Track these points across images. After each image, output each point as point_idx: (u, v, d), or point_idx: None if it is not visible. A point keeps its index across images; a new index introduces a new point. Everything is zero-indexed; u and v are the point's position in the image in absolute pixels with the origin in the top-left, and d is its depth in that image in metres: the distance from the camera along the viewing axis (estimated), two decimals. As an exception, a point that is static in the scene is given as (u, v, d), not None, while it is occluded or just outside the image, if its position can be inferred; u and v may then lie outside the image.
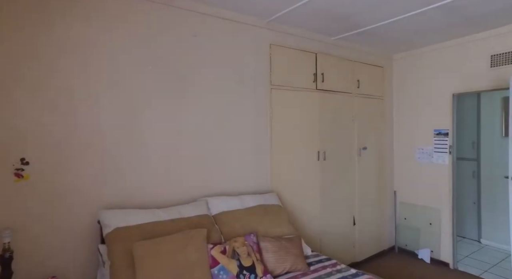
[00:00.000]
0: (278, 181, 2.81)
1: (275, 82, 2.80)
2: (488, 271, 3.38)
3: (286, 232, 2.28)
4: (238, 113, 2.60)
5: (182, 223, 1.96)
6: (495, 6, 2.45)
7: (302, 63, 2.98)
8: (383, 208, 3.81)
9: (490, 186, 4.09)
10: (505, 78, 2.96)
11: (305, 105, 3.00)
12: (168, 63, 2.23)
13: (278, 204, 2.57)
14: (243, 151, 2.63)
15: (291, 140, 2.90)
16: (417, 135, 3.69)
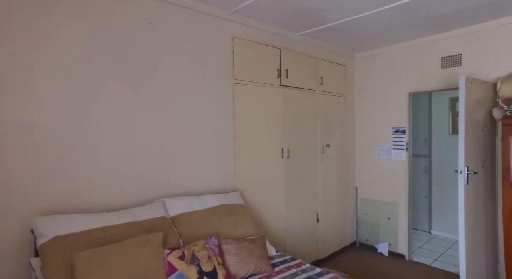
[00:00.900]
0: (241, 179, 2.71)
1: (238, 77, 2.68)
2: (438, 260, 3.59)
3: (249, 232, 2.18)
4: (200, 108, 2.45)
5: (136, 227, 1.78)
6: (450, 9, 2.55)
7: (266, 58, 2.90)
8: (345, 204, 3.88)
9: (440, 181, 4.35)
10: (454, 79, 3.12)
11: (269, 101, 2.93)
12: (121, 52, 2.02)
13: (241, 203, 2.46)
14: (205, 148, 2.49)
15: (255, 137, 2.81)
16: (377, 133, 3.80)
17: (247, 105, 2.75)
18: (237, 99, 2.67)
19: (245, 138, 2.74)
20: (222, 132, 2.59)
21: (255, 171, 2.82)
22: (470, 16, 2.74)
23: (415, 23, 2.90)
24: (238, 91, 2.68)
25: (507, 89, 2.65)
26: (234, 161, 2.66)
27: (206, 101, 2.49)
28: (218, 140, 2.57)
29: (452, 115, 4.22)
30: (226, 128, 2.62)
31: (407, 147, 3.54)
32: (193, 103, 2.41)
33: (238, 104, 2.68)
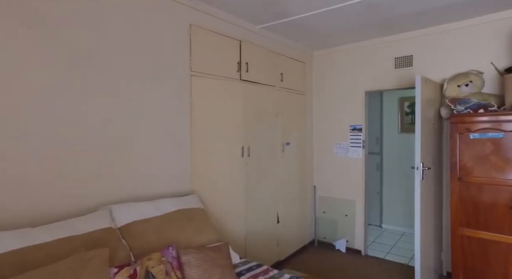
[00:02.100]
0: (199, 180, 2.48)
1: (196, 69, 2.44)
2: (390, 253, 3.73)
3: (212, 239, 1.97)
4: (153, 101, 2.16)
5: (74, 243, 1.46)
6: (406, 10, 2.62)
7: (226, 50, 2.70)
8: (304, 203, 3.85)
9: (390, 177, 4.57)
10: (406, 79, 3.27)
11: (228, 96, 2.73)
12: (57, 33, 1.66)
13: (200, 207, 2.24)
14: (159, 146, 2.21)
15: (214, 134, 2.60)
16: (335, 131, 3.83)
17: (205, 100, 2.53)
18: (194, 93, 2.44)
19: (203, 136, 2.51)
20: (178, 128, 2.34)
21: (214, 170, 2.61)
22: (421, 20, 2.86)
23: (373, 23, 2.95)
24: (196, 84, 2.45)
25: (452, 89, 2.81)
26: (192, 160, 2.43)
27: (160, 94, 2.21)
28: (173, 137, 2.31)
29: (401, 114, 4.46)
30: (183, 125, 2.37)
31: (364, 144, 3.62)
32: (145, 96, 2.12)
33: (195, 99, 2.44)
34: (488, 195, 2.43)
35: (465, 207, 2.53)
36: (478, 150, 2.46)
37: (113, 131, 1.94)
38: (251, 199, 2.97)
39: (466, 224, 2.53)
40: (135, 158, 2.06)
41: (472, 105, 2.54)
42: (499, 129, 2.37)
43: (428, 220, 2.76)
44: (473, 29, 2.87)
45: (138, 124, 2.07)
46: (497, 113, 2.39)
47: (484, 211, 2.45)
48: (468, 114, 2.50)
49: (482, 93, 2.68)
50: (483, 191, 2.45)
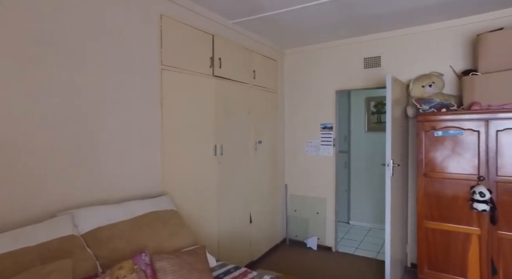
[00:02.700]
0: (170, 180, 2.34)
1: (167, 62, 2.30)
2: (359, 248, 3.85)
3: (187, 242, 1.86)
4: (119, 96, 1.99)
5: (30, 255, 1.28)
6: (375, 12, 2.70)
7: (198, 44, 2.59)
8: (276, 202, 3.83)
9: (357, 175, 4.71)
10: (374, 79, 3.38)
11: (201, 92, 2.62)
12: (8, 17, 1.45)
13: (173, 208, 2.11)
14: (127, 143, 2.04)
15: (186, 132, 2.47)
16: (306, 129, 3.85)
17: (177, 96, 2.40)
18: (166, 88, 2.29)
19: (175, 133, 2.38)
20: (147, 125, 2.18)
21: (186, 170, 2.48)
22: (389, 22, 2.97)
23: (344, 23, 3.00)
24: (167, 78, 2.31)
25: (417, 90, 2.95)
26: (163, 159, 2.28)
27: (128, 88, 2.05)
28: (142, 135, 2.15)
29: (367, 114, 4.62)
30: (153, 121, 2.22)
31: (334, 142, 3.68)
32: (110, 90, 1.94)
33: (167, 94, 2.30)
34: (449, 189, 2.57)
35: (429, 201, 2.66)
36: (441, 147, 2.60)
37: (73, 128, 1.75)
38: (224, 199, 2.88)
39: (431, 217, 2.66)
40: (100, 157, 1.88)
41: (435, 105, 2.68)
42: (459, 128, 2.52)
43: (396, 214, 2.87)
44: (435, 34, 3.04)
45: (102, 120, 1.89)
46: (457, 113, 2.54)
47: (446, 204, 2.59)
48: (433, 113, 2.63)
49: (443, 94, 2.83)
50: (445, 185, 2.59)
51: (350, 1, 2.50)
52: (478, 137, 2.45)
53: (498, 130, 2.39)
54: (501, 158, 2.39)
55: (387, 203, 2.62)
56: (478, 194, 2.39)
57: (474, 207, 2.42)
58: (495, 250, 2.43)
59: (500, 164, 2.39)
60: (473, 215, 2.48)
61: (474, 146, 2.47)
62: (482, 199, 2.38)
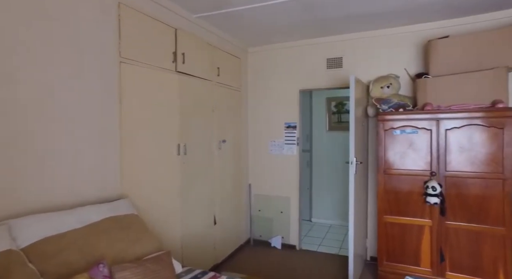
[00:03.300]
0: (131, 182, 2.17)
1: (126, 55, 2.13)
2: (321, 245, 3.94)
3: (150, 248, 1.72)
4: (70, 89, 1.79)
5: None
6: (339, 13, 2.77)
7: (160, 37, 2.44)
8: (240, 202, 3.77)
9: (319, 173, 4.84)
10: (336, 79, 3.48)
11: (164, 88, 2.47)
12: None
13: (133, 212, 1.95)
14: (79, 143, 1.84)
15: (147, 130, 2.31)
16: (270, 128, 3.85)
17: (138, 91, 2.23)
18: (125, 83, 2.12)
19: (135, 131, 2.21)
20: (104, 122, 1.99)
21: (148, 170, 2.32)
22: (350, 24, 3.07)
23: (308, 23, 3.04)
24: (126, 72, 2.13)
25: (376, 90, 3.09)
26: (122, 159, 2.10)
27: (81, 81, 1.85)
28: (98, 133, 1.96)
29: (328, 113, 4.76)
30: (110, 118, 2.03)
31: (298, 141, 3.72)
32: (59, 82, 1.74)
33: (126, 89, 2.13)
34: (406, 185, 2.73)
35: (388, 197, 2.79)
36: (399, 145, 2.74)
37: (16, 126, 1.52)
38: (188, 200, 2.75)
39: (390, 212, 2.79)
40: (45, 159, 1.67)
41: (393, 105, 2.83)
42: (414, 127, 2.69)
43: (358, 210, 2.97)
44: (392, 38, 3.21)
45: (46, 117, 1.68)
46: (413, 112, 2.70)
47: (403, 199, 2.74)
48: (392, 113, 2.77)
49: (399, 95, 3.00)
50: (402, 181, 2.74)
51: (312, 2, 2.53)
52: (431, 135, 2.63)
53: (447, 129, 2.59)
54: (449, 154, 2.59)
55: (351, 200, 2.70)
56: (430, 188, 2.57)
57: (427, 201, 2.59)
58: (443, 239, 2.63)
59: (448, 160, 2.59)
60: (426, 208, 2.65)
61: (427, 143, 2.64)
62: (434, 192, 2.55)
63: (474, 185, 2.53)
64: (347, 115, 4.58)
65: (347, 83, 3.39)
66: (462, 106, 2.57)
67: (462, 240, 2.58)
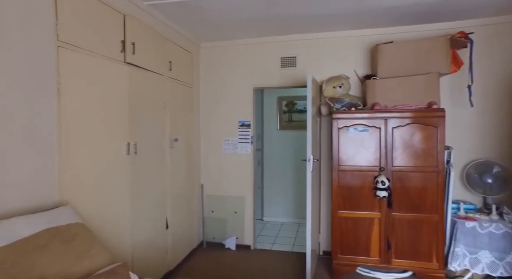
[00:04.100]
0: (72, 186, 1.88)
1: (65, 38, 1.83)
2: (275, 243, 3.97)
3: (101, 262, 1.50)
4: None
5: None
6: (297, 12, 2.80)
7: (107, 23, 2.17)
8: (193, 204, 3.59)
9: (270, 172, 4.87)
10: (290, 78, 3.53)
11: (111, 80, 2.21)
12: None
13: (77, 221, 1.68)
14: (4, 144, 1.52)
15: (92, 127, 2.03)
16: (223, 127, 3.74)
17: (80, 82, 1.94)
18: (64, 71, 1.82)
19: (78, 128, 1.92)
20: (37, 117, 1.68)
21: (94, 172, 2.04)
22: (305, 25, 3.13)
23: (263, 21, 3.01)
24: (66, 59, 1.84)
25: (329, 90, 3.20)
26: (60, 161, 1.80)
27: (7, 68, 1.53)
28: (28, 129, 1.64)
29: (279, 113, 4.82)
30: (45, 112, 1.73)
31: (252, 140, 3.68)
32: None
33: (66, 78, 1.83)
34: (358, 181, 2.87)
35: (342, 192, 2.91)
36: (352, 143, 2.88)
37: None
38: (139, 204, 2.51)
39: (343, 206, 2.91)
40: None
41: (346, 104, 2.96)
42: (365, 125, 2.84)
43: (313, 206, 3.04)
44: (343, 40, 3.36)
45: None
46: (365, 112, 2.86)
47: (356, 194, 2.88)
48: (346, 111, 2.89)
49: (350, 95, 3.15)
50: (355, 177, 2.88)
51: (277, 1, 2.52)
52: (380, 133, 2.81)
53: (393, 128, 2.79)
54: (395, 151, 2.80)
55: (308, 197, 2.74)
56: (380, 183, 2.74)
57: (377, 195, 2.76)
58: (390, 229, 2.83)
59: (395, 156, 2.80)
60: (376, 201, 2.83)
61: (377, 141, 2.82)
62: (383, 187, 2.73)
63: (415, 178, 2.77)
64: (298, 115, 4.71)
65: (300, 83, 3.48)
66: (405, 107, 2.79)
67: (405, 229, 2.81)
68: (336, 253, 2.95)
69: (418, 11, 2.80)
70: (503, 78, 3.01)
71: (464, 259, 2.78)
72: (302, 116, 4.73)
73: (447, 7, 2.71)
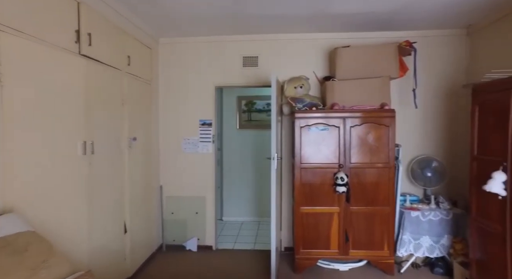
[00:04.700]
0: (19, 192, 1.67)
1: (6, 21, 1.60)
2: (237, 242, 3.97)
3: (62, 273, 1.35)
4: None
5: None
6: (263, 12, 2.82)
7: (59, 8, 1.97)
8: (152, 206, 3.43)
9: (229, 172, 4.85)
10: (252, 78, 3.56)
11: (65, 73, 2.01)
12: None
13: (28, 229, 1.50)
14: None
15: (43, 124, 1.83)
16: (184, 126, 3.63)
17: (27, 73, 1.73)
18: (7, 59, 1.60)
19: (24, 127, 1.71)
20: (-21, 112, 1.47)
21: (44, 175, 1.84)
22: (268, 25, 3.18)
23: (225, 19, 2.99)
24: (10, 45, 1.62)
25: (291, 90, 3.30)
26: (3, 161, 1.59)
27: None
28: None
29: (239, 112, 4.82)
30: (-12, 107, 1.51)
31: (214, 139, 3.63)
32: None
33: (8, 69, 1.61)
34: (319, 177, 3.00)
35: (304, 189, 3.02)
36: (313, 141, 2.99)
37: None
38: (96, 208, 2.32)
39: (305, 203, 3.02)
40: None
41: (307, 104, 3.07)
42: (326, 124, 2.98)
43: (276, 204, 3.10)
44: (303, 42, 3.48)
45: None
46: (325, 111, 3.00)
47: (317, 190, 3.01)
48: (308, 111, 3.00)
49: (309, 95, 3.28)
50: (316, 174, 3.01)
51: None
52: (339, 132, 2.97)
53: (351, 127, 2.97)
54: (352, 148, 2.98)
55: (272, 195, 2.79)
56: (339, 179, 2.90)
57: (337, 190, 2.92)
58: (348, 222, 3.01)
59: (352, 153, 2.98)
60: (335, 197, 2.98)
61: (336, 139, 2.97)
62: (342, 182, 2.90)
63: (370, 174, 2.98)
64: (257, 114, 4.77)
65: (262, 82, 3.53)
66: (361, 107, 2.99)
67: (361, 221, 3.01)
68: (299, 248, 3.05)
69: (371, 20, 3.02)
70: (441, 84, 3.39)
71: (410, 245, 3.08)
72: (261, 116, 4.80)
73: (396, 18, 2.98)
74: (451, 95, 3.39)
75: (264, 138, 4.79)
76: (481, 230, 2.46)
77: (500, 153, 2.23)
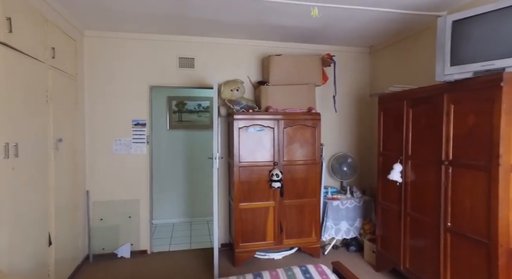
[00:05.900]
0: None
1: None
2: (172, 244, 3.92)
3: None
4: None
5: None
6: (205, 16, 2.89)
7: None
8: (77, 213, 3.12)
9: (158, 174, 4.70)
10: (188, 79, 3.57)
11: (-16, 65, 1.74)
12: None
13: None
14: None
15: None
16: (114, 126, 3.41)
17: None
18: None
19: None
20: None
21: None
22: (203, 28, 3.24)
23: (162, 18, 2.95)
24: None
25: (227, 92, 3.44)
26: None
27: None
28: None
29: (169, 112, 4.71)
30: None
31: (148, 140, 3.51)
32: None
33: None
34: (256, 175, 3.22)
35: (242, 187, 3.19)
36: (250, 141, 3.20)
37: None
38: (18, 217, 2.05)
39: (244, 199, 3.20)
40: None
41: (244, 106, 3.26)
42: (262, 125, 3.22)
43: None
44: (239, 48, 3.66)
45: None
46: (261, 113, 3.24)
47: (254, 187, 3.22)
48: (245, 113, 3.18)
49: (245, 98, 3.48)
50: (253, 172, 3.22)
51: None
52: (273, 132, 3.24)
53: (284, 128, 3.28)
54: (285, 147, 3.29)
55: (215, 193, 2.89)
56: (275, 175, 3.17)
57: (272, 186, 3.19)
58: (282, 215, 3.31)
59: (285, 152, 3.29)
60: (271, 192, 3.25)
61: (271, 139, 3.24)
62: (277, 178, 3.18)
63: (300, 170, 3.35)
64: (188, 115, 4.77)
65: (199, 84, 3.59)
66: (292, 110, 3.33)
67: (293, 213, 3.35)
68: (238, 242, 3.21)
69: (299, 33, 3.39)
70: (353, 92, 4.01)
71: (331, 230, 3.56)
72: (193, 116, 4.80)
73: (319, 34, 3.42)
74: (360, 102, 4.04)
75: (195, 139, 4.81)
76: (385, 211, 3.04)
77: (397, 148, 2.81)
